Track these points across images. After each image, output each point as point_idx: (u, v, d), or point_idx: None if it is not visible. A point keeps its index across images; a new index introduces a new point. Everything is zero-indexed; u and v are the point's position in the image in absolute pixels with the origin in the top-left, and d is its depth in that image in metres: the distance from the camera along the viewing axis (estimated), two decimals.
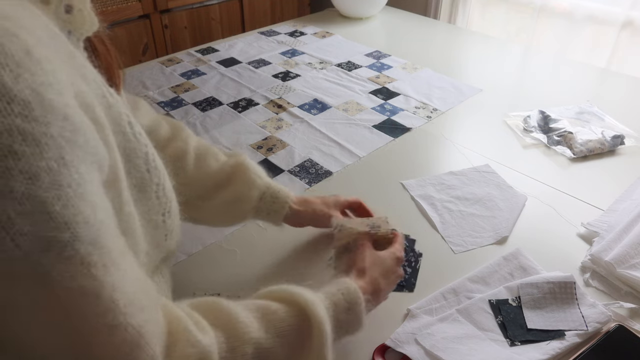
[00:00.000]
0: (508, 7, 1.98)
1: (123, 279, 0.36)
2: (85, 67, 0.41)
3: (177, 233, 0.56)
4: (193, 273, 0.79)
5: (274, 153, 1.09)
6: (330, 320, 0.52)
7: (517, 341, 0.66)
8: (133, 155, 0.45)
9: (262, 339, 0.47)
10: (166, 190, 0.50)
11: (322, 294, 0.54)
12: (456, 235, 0.85)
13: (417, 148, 1.12)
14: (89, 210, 0.33)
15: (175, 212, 0.54)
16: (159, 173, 0.49)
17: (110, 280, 0.34)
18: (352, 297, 0.55)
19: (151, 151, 0.48)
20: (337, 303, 0.54)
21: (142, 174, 0.47)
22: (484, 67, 1.53)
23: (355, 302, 0.55)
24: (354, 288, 0.56)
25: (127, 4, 1.76)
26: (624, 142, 1.09)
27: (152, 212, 0.49)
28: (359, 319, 0.56)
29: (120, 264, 0.36)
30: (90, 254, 0.33)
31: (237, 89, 1.39)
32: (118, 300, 0.35)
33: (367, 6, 1.90)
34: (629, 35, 1.67)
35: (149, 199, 0.48)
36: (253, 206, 0.73)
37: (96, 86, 0.42)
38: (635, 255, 0.76)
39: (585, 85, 1.43)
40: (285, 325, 0.49)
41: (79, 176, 0.33)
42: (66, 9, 0.42)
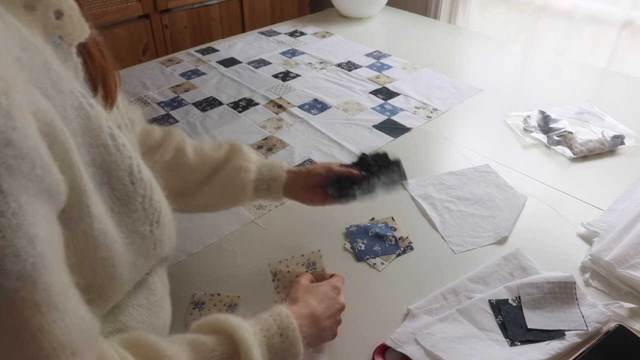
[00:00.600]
0: (508, 7, 1.98)
1: (59, 319, 0.34)
2: (60, 79, 0.40)
3: (168, 242, 0.55)
4: (193, 273, 0.79)
5: (274, 153, 1.09)
6: (260, 345, 0.51)
7: (517, 341, 0.66)
8: (114, 167, 0.45)
9: None
10: (153, 202, 0.50)
11: (252, 321, 0.54)
12: (456, 235, 0.85)
13: (417, 148, 1.12)
14: (24, 242, 0.31)
15: (165, 222, 0.53)
16: (145, 185, 0.48)
17: (37, 320, 0.32)
18: (284, 321, 0.54)
19: (136, 163, 0.47)
20: (268, 328, 0.53)
21: (126, 186, 0.46)
22: (484, 67, 1.53)
23: (287, 327, 0.54)
24: (286, 313, 0.55)
25: (127, 4, 1.76)
26: (624, 142, 1.09)
27: (138, 223, 0.48)
28: (294, 344, 0.54)
29: (59, 303, 0.34)
30: (18, 290, 0.31)
31: (237, 89, 1.39)
32: (42, 342, 0.33)
33: (367, 6, 1.90)
34: (629, 35, 1.67)
35: (134, 211, 0.47)
36: (252, 178, 0.74)
37: (72, 97, 0.40)
38: (635, 255, 0.76)
39: (585, 85, 1.43)
40: (216, 355, 0.48)
41: (17, 205, 0.31)
42: (56, 15, 0.42)
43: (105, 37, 0.51)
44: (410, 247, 0.83)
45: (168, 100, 1.33)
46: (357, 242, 0.84)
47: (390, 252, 0.82)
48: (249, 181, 0.74)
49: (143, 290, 0.55)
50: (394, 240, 0.83)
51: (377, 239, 0.84)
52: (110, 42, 1.74)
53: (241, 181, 0.74)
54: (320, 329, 0.61)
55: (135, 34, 1.81)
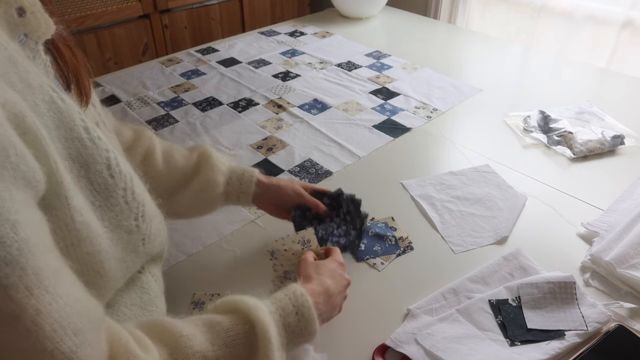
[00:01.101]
0: (508, 7, 1.98)
1: (52, 302, 0.34)
2: (28, 73, 0.40)
3: (158, 236, 0.55)
4: (193, 273, 0.79)
5: (274, 153, 1.09)
6: (277, 324, 0.51)
7: (517, 341, 0.66)
8: (91, 160, 0.44)
9: (208, 351, 0.46)
10: (136, 195, 0.49)
11: (268, 300, 0.54)
12: (456, 235, 0.85)
13: (417, 148, 1.12)
14: (7, 229, 0.31)
15: (151, 216, 0.53)
16: (125, 178, 0.48)
17: (33, 304, 0.33)
18: (299, 300, 0.54)
19: (114, 156, 0.47)
20: (284, 307, 0.53)
21: (105, 179, 0.46)
22: (484, 67, 1.53)
23: (302, 305, 0.54)
24: (301, 291, 0.55)
25: (127, 4, 1.76)
26: (624, 142, 1.09)
27: (122, 217, 0.48)
28: (310, 322, 0.54)
29: (50, 286, 0.34)
30: (8, 276, 0.31)
31: (237, 89, 1.39)
32: (42, 325, 0.33)
33: (367, 6, 1.90)
34: (629, 35, 1.67)
35: (116, 205, 0.47)
36: (221, 192, 0.74)
37: (42, 92, 0.40)
38: (635, 255, 0.76)
39: (585, 85, 1.43)
40: (232, 334, 0.48)
41: None
42: (18, 13, 0.41)
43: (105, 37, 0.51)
44: (410, 247, 0.83)
45: (168, 100, 1.33)
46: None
47: (390, 252, 0.81)
48: (218, 194, 0.74)
49: (136, 289, 0.55)
50: (393, 240, 0.83)
51: (377, 239, 0.84)
52: (110, 42, 1.75)
53: (209, 196, 0.73)
54: (332, 305, 0.61)
55: (135, 34, 1.81)
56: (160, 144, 0.75)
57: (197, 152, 0.75)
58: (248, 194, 0.75)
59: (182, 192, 0.72)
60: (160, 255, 0.60)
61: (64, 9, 1.61)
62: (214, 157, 0.75)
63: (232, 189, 0.75)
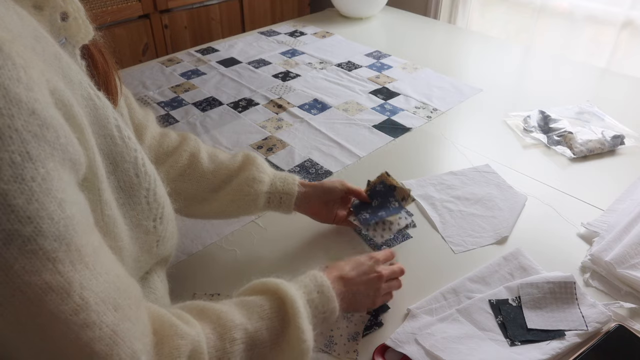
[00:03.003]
0: (508, 7, 1.98)
1: (92, 278, 0.35)
2: (71, 69, 0.41)
3: (171, 240, 0.56)
4: (193, 273, 0.79)
5: (274, 153, 1.09)
6: (302, 298, 0.55)
7: (517, 341, 0.66)
8: (120, 159, 0.46)
9: (247, 324, 0.49)
10: (157, 197, 0.51)
11: (291, 281, 0.57)
12: (456, 235, 0.85)
13: (417, 148, 1.12)
14: (55, 206, 0.33)
15: (168, 219, 0.54)
16: (149, 179, 0.49)
17: (77, 278, 0.34)
18: (318, 280, 0.59)
19: (141, 156, 0.48)
20: (306, 285, 0.57)
21: (131, 178, 0.47)
22: (484, 67, 1.53)
23: (322, 285, 0.58)
24: (319, 274, 0.60)
25: (127, 4, 1.76)
26: (624, 142, 1.09)
27: (142, 217, 0.49)
28: (330, 300, 0.58)
29: (90, 263, 0.35)
30: (56, 250, 0.33)
31: (237, 89, 1.39)
32: (88, 299, 0.34)
33: (367, 6, 1.90)
34: (629, 35, 1.67)
35: (138, 204, 0.48)
36: (265, 190, 0.75)
37: (81, 88, 0.42)
38: (635, 255, 0.76)
39: (585, 85, 1.43)
40: (266, 309, 0.52)
41: (45, 171, 0.33)
42: (62, 17, 0.43)
43: (105, 37, 0.52)
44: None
45: (168, 100, 1.33)
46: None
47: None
48: (261, 192, 0.75)
49: (145, 289, 0.56)
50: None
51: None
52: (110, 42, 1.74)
53: (254, 192, 0.74)
54: (352, 291, 0.64)
55: (135, 34, 1.81)
56: (204, 146, 0.78)
57: (242, 154, 0.78)
58: (291, 195, 0.76)
59: (226, 188, 0.74)
60: (168, 258, 0.61)
61: None
62: (259, 159, 0.77)
63: (275, 190, 0.76)
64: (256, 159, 0.77)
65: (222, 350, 0.46)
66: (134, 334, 0.38)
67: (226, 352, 0.47)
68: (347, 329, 0.68)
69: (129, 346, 0.37)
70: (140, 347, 0.38)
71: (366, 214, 0.81)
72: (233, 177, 0.74)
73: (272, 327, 0.51)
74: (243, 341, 0.48)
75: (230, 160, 0.76)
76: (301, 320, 0.52)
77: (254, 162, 0.76)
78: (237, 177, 0.74)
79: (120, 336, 0.36)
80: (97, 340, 0.35)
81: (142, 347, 0.39)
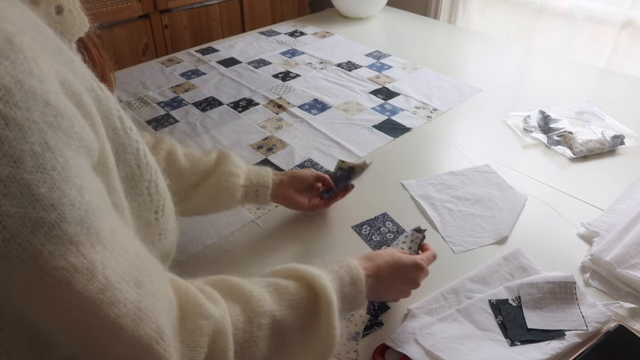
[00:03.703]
0: (508, 7, 1.98)
1: (112, 258, 0.37)
2: (73, 62, 0.41)
3: (172, 233, 0.56)
4: (193, 273, 0.78)
5: (274, 153, 1.09)
6: (336, 292, 0.54)
7: (517, 341, 0.66)
8: (122, 150, 0.46)
9: (276, 310, 0.49)
10: (159, 188, 0.51)
11: (326, 270, 0.56)
12: (456, 235, 0.85)
13: (417, 148, 1.12)
14: (75, 192, 0.34)
15: (169, 211, 0.54)
16: (151, 170, 0.50)
17: (99, 259, 0.35)
18: (353, 272, 0.57)
19: (142, 147, 0.49)
20: (341, 277, 0.56)
21: (132, 169, 0.47)
22: (484, 67, 1.53)
23: (357, 277, 0.57)
24: (355, 264, 0.59)
25: (127, 4, 1.76)
26: (624, 142, 1.09)
27: (144, 208, 0.49)
28: (361, 294, 0.57)
29: (108, 244, 0.37)
30: (78, 234, 0.34)
31: (237, 89, 1.39)
32: (110, 277, 0.36)
33: (367, 6, 1.90)
34: (629, 35, 1.67)
35: (139, 195, 0.49)
36: (241, 184, 0.77)
37: (84, 80, 0.42)
38: (635, 255, 0.76)
39: (585, 85, 1.43)
40: (297, 298, 0.51)
41: (64, 160, 0.34)
42: (57, 10, 0.43)
43: (105, 37, 0.52)
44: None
45: (168, 100, 1.33)
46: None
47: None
48: (238, 186, 0.77)
49: None
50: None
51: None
52: (110, 42, 1.74)
53: (231, 186, 0.76)
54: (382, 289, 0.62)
55: (135, 34, 1.81)
56: (180, 145, 0.78)
57: (216, 151, 0.80)
58: (266, 186, 0.79)
59: (204, 184, 0.75)
60: (169, 253, 0.61)
61: None
62: (233, 155, 0.79)
63: (251, 183, 0.79)
64: (230, 154, 0.78)
65: (249, 333, 0.47)
66: (158, 310, 0.39)
67: (253, 335, 0.47)
68: (347, 329, 0.68)
69: (153, 321, 0.38)
70: (164, 322, 0.39)
71: None
72: (211, 173, 0.76)
73: (301, 317, 0.51)
74: (269, 326, 0.48)
75: (206, 157, 0.78)
76: (334, 317, 0.51)
77: (228, 157, 0.77)
78: (214, 173, 0.75)
79: (144, 312, 0.38)
80: (123, 317, 0.36)
81: (166, 322, 0.40)
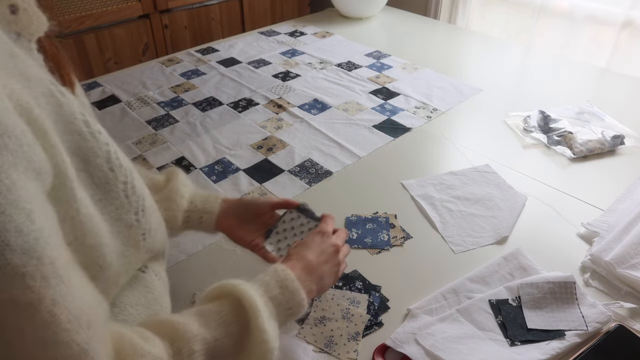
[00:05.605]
0: (508, 7, 1.98)
1: (67, 293, 0.34)
2: (29, 67, 0.40)
3: (157, 232, 0.55)
4: (193, 273, 0.79)
5: (274, 153, 1.09)
6: (262, 297, 0.52)
7: (517, 341, 0.66)
8: (92, 154, 0.44)
9: (206, 333, 0.47)
10: (136, 189, 0.49)
11: (252, 281, 0.55)
12: (456, 235, 0.85)
13: (417, 148, 1.12)
14: (23, 217, 0.31)
15: (150, 211, 0.53)
16: (125, 171, 0.48)
17: (50, 294, 0.33)
18: (280, 275, 0.56)
19: (114, 150, 0.47)
20: (266, 283, 0.54)
21: (105, 173, 0.46)
22: (484, 67, 1.53)
23: (285, 279, 0.55)
24: (282, 267, 0.57)
25: (127, 4, 1.76)
26: (624, 142, 1.09)
27: (122, 211, 0.48)
28: (295, 293, 0.55)
29: (65, 277, 0.34)
30: (25, 265, 0.31)
31: (237, 89, 1.39)
32: (59, 315, 0.33)
33: (367, 6, 1.90)
34: (629, 35, 1.67)
35: (116, 198, 0.47)
36: (185, 209, 0.70)
37: (42, 85, 0.40)
38: (635, 255, 0.76)
39: (585, 85, 1.43)
40: (223, 315, 0.49)
41: (10, 182, 0.31)
42: (11, 10, 0.41)
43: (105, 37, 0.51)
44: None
45: (168, 100, 1.33)
46: (352, 230, 0.86)
47: (379, 247, 0.83)
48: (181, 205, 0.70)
49: (140, 288, 0.55)
50: (387, 238, 0.84)
51: (372, 232, 0.85)
52: (110, 42, 1.74)
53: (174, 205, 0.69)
54: (319, 275, 0.61)
55: (135, 34, 1.81)
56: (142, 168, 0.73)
57: (167, 170, 0.74)
58: (212, 213, 0.70)
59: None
60: (161, 252, 0.60)
61: (64, 9, 1.61)
62: (182, 175, 0.73)
63: (195, 208, 0.71)
64: (180, 174, 0.72)
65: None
66: (101, 355, 0.37)
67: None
68: (347, 329, 0.68)
69: None
70: None
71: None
72: (156, 193, 0.69)
73: (232, 333, 0.49)
74: (203, 352, 0.46)
75: (157, 176, 0.72)
76: (261, 320, 0.49)
77: (177, 176, 0.72)
78: (160, 192, 0.70)
79: (91, 356, 0.35)
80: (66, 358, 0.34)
81: None
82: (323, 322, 0.69)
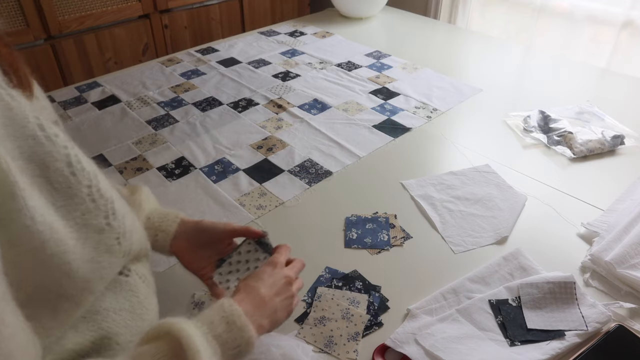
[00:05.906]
0: (508, 7, 1.98)
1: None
2: None
3: (134, 234, 0.52)
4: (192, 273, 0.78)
5: (274, 153, 1.09)
6: (205, 335, 0.49)
7: (517, 341, 0.66)
8: (49, 159, 0.42)
9: None
10: (102, 192, 0.47)
11: (194, 318, 0.52)
12: (456, 235, 0.85)
13: (417, 148, 1.12)
14: None
15: (122, 212, 0.50)
16: (89, 175, 0.45)
17: None
18: (227, 310, 0.52)
19: (74, 153, 0.44)
20: (211, 320, 0.51)
21: (66, 177, 0.43)
22: (484, 67, 1.53)
23: (232, 314, 0.52)
24: (229, 302, 0.53)
25: (127, 4, 1.76)
26: (624, 142, 1.09)
27: (90, 216, 0.45)
28: (242, 329, 0.52)
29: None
30: None
31: (237, 89, 1.39)
32: None
33: (367, 6, 1.90)
34: (629, 35, 1.67)
35: (81, 203, 0.44)
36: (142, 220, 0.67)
37: None
38: (635, 255, 0.76)
39: (585, 85, 1.42)
40: (160, 357, 0.46)
41: None
42: None
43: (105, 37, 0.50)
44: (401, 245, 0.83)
45: (168, 100, 1.33)
46: (352, 230, 0.86)
47: (379, 247, 0.82)
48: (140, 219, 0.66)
49: (124, 293, 0.53)
50: (387, 238, 0.84)
51: (372, 232, 0.85)
52: (110, 42, 1.74)
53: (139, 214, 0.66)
54: (271, 309, 0.58)
55: (135, 34, 1.81)
56: None
57: (132, 185, 0.71)
58: (168, 232, 0.66)
59: None
60: (143, 254, 0.57)
61: (64, 9, 1.61)
62: (147, 190, 0.70)
63: (152, 225, 0.67)
64: (143, 188, 0.69)
65: None
66: None
67: None
68: (347, 329, 0.68)
69: None
70: None
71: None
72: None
73: None
74: None
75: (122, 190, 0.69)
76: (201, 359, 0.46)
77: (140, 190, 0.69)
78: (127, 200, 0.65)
79: None
80: None
81: None
82: (323, 322, 0.69)
